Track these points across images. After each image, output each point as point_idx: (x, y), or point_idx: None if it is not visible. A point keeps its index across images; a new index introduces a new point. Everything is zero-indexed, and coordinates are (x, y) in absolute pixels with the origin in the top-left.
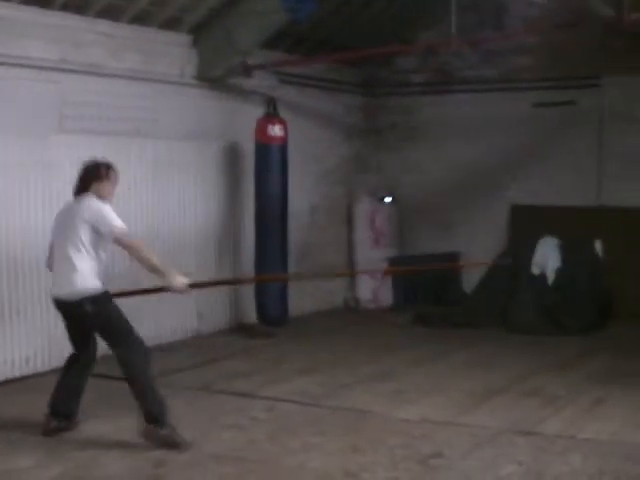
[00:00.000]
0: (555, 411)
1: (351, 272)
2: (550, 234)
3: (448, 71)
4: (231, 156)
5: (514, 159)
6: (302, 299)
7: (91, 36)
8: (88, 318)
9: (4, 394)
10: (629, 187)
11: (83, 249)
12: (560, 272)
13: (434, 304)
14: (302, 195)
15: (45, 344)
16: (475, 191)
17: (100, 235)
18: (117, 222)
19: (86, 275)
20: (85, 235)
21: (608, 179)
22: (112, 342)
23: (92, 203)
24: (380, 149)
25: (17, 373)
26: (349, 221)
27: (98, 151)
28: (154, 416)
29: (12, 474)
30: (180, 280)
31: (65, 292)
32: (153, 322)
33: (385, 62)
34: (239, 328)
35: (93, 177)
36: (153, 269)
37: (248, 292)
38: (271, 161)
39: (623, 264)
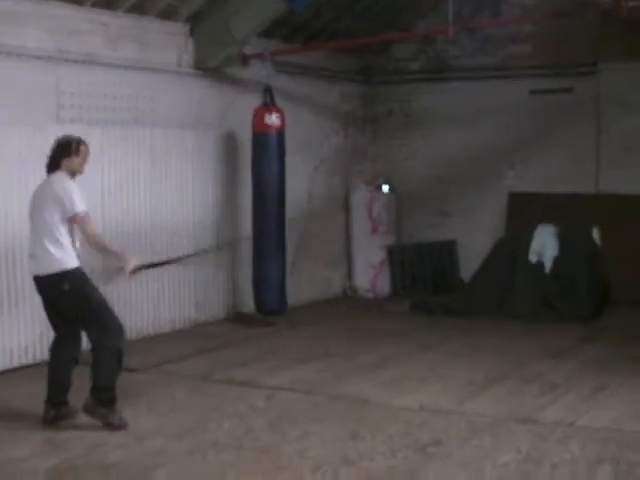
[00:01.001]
0: (554, 399)
1: None
2: (548, 222)
3: (445, 59)
4: (228, 145)
5: (511, 147)
6: (300, 288)
7: (88, 26)
8: (64, 296)
9: (3, 383)
10: (627, 174)
11: (56, 227)
12: (558, 260)
13: (432, 292)
14: (299, 184)
15: (44, 333)
16: (472, 179)
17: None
18: (80, 205)
19: (61, 253)
20: (57, 213)
21: (606, 166)
22: (86, 322)
23: (61, 182)
24: (377, 137)
25: (16, 362)
26: (346, 209)
27: (95, 140)
28: (102, 399)
29: (11, 463)
30: (133, 261)
31: (42, 269)
32: (151, 311)
33: (382, 50)
34: (237, 317)
35: (63, 153)
36: (108, 252)
37: (246, 281)
38: (268, 150)
39: (621, 251)
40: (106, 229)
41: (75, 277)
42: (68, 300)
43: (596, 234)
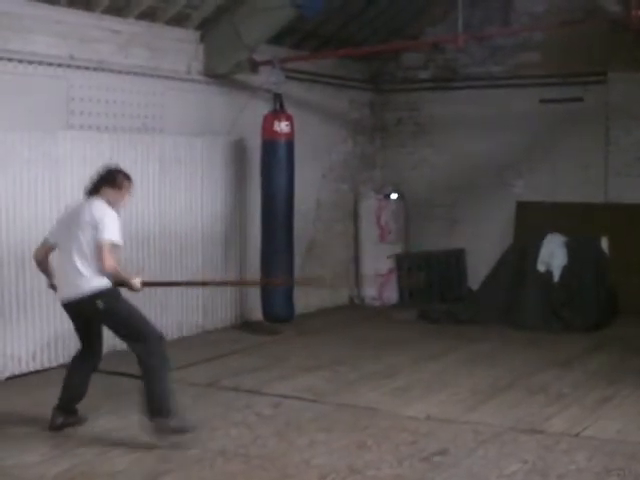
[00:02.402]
0: (560, 409)
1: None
2: (556, 231)
3: (454, 67)
4: (238, 152)
5: (520, 155)
6: (307, 296)
7: (98, 32)
8: (100, 315)
9: (11, 390)
10: (635, 184)
11: (89, 251)
12: (566, 269)
13: (439, 301)
14: (308, 191)
15: (51, 340)
16: (481, 187)
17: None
18: (112, 233)
19: (93, 276)
20: (90, 237)
21: (614, 176)
22: (126, 338)
23: (103, 208)
24: (386, 145)
25: (24, 369)
26: (355, 217)
27: (105, 147)
28: (158, 408)
29: (19, 469)
30: (137, 281)
31: (74, 293)
32: (158, 318)
33: (391, 58)
34: (244, 325)
35: (108, 182)
36: (126, 284)
37: (254, 289)
38: (277, 157)
39: (629, 261)
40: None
41: (108, 295)
42: (104, 318)
43: (605, 244)
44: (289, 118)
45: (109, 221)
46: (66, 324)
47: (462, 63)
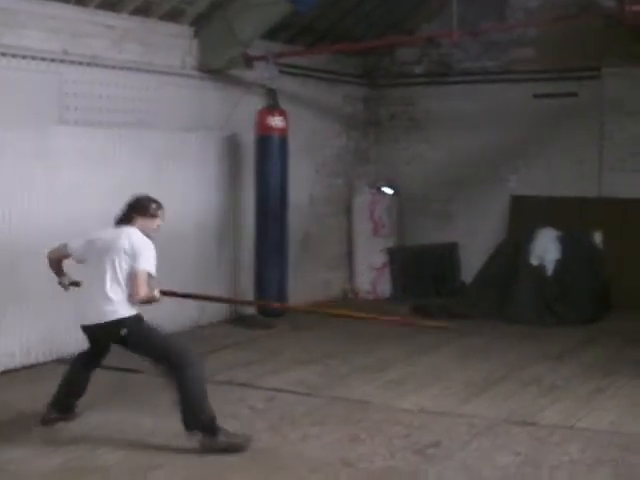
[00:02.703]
0: (553, 401)
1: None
2: (550, 225)
3: (449, 62)
4: (232, 147)
5: (514, 150)
6: (301, 290)
7: (92, 27)
8: (124, 342)
9: (5, 384)
10: (629, 178)
11: (120, 281)
12: (559, 263)
13: (433, 295)
14: (302, 186)
15: (46, 335)
16: (475, 182)
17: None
18: (150, 266)
19: (119, 304)
20: (124, 264)
21: (608, 170)
22: (155, 360)
23: (140, 237)
24: (380, 140)
25: (18, 363)
26: (349, 212)
27: (99, 142)
28: (202, 425)
29: (11, 464)
30: (156, 292)
31: (98, 319)
32: (152, 312)
33: (386, 53)
34: (238, 319)
35: (139, 211)
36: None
37: (248, 283)
38: (271, 152)
39: (623, 255)
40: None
41: (132, 323)
42: (129, 344)
43: (598, 238)
44: (283, 113)
45: (147, 252)
46: (61, 319)
47: (457, 58)
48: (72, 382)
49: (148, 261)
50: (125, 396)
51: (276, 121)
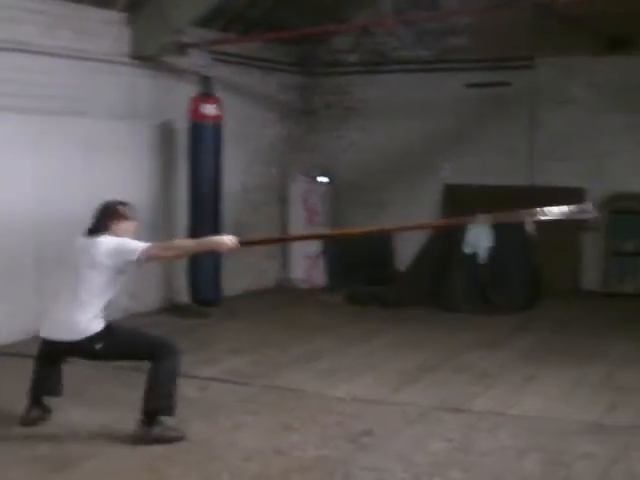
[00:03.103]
0: (485, 388)
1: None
2: (482, 213)
3: (383, 51)
4: (165, 135)
5: (448, 139)
6: (235, 279)
7: (23, 13)
8: (99, 355)
9: None
10: (560, 167)
11: (95, 293)
12: (491, 251)
13: (367, 284)
14: (236, 174)
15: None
16: (409, 170)
17: (125, 269)
18: (138, 243)
19: (92, 319)
20: (102, 277)
21: (540, 159)
22: (137, 359)
23: (109, 242)
24: (315, 128)
25: None
26: (283, 200)
27: (29, 129)
28: (152, 410)
29: None
30: (226, 239)
31: (69, 335)
32: None
33: (320, 41)
34: (171, 308)
35: (111, 217)
36: (198, 251)
37: (180, 271)
38: (205, 140)
39: (553, 243)
40: (40, 220)
41: (105, 335)
42: (106, 356)
43: (530, 226)
44: (217, 101)
45: (127, 244)
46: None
47: (391, 47)
48: (45, 375)
49: (137, 244)
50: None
51: (209, 109)
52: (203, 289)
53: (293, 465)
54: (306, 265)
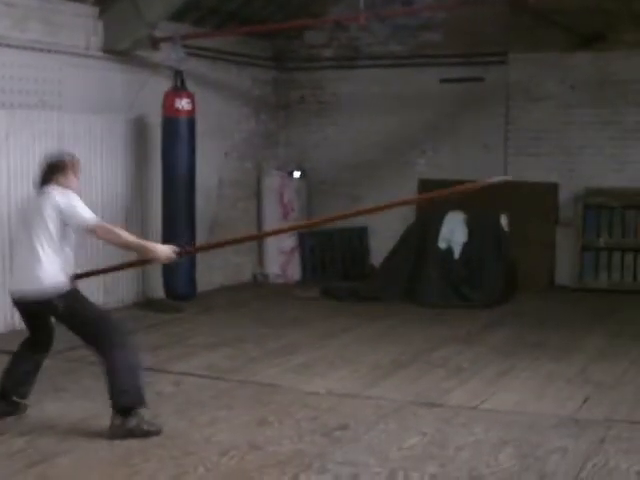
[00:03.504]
0: (459, 383)
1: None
2: (457, 208)
3: (357, 46)
4: (138, 129)
5: (422, 134)
6: (210, 274)
7: None
8: (58, 316)
9: None
10: (533, 162)
11: (50, 244)
12: (466, 246)
13: (342, 278)
14: (210, 169)
15: None
16: (384, 165)
17: (68, 228)
18: (88, 214)
19: (53, 271)
20: (53, 229)
21: (514, 154)
22: (87, 338)
23: (61, 196)
24: (289, 123)
25: None
26: (257, 195)
27: (1, 124)
28: (123, 407)
29: None
30: (164, 249)
31: (31, 289)
32: None
33: (295, 36)
34: (146, 303)
35: (57, 169)
36: (132, 248)
37: (156, 266)
38: (178, 135)
39: (527, 238)
40: (12, 216)
41: (66, 295)
42: (63, 320)
43: (504, 221)
44: (190, 96)
45: (77, 206)
46: None
47: (365, 42)
48: (18, 370)
49: (87, 212)
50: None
51: (183, 103)
52: (178, 284)
53: (269, 460)
54: (281, 260)
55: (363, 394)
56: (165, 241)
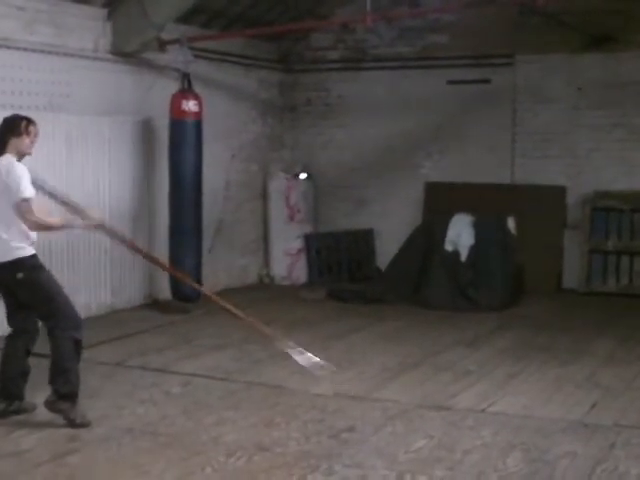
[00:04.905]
0: (467, 386)
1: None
2: (464, 211)
3: (364, 48)
4: (145, 131)
5: (429, 136)
6: (217, 275)
7: (3, 9)
8: (18, 285)
9: None
10: (540, 165)
11: (8, 215)
12: (473, 249)
13: (348, 280)
14: (217, 171)
15: None
16: (390, 168)
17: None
18: (25, 191)
19: (14, 241)
20: (8, 199)
21: (521, 157)
22: (42, 313)
23: (11, 166)
24: (295, 125)
25: None
26: (264, 197)
27: None
28: (63, 394)
29: None
30: (95, 213)
31: None
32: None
33: (301, 38)
34: (154, 304)
35: (11, 132)
36: (59, 228)
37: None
38: (185, 137)
39: (535, 241)
40: None
41: (30, 266)
42: (22, 289)
43: (511, 224)
44: (197, 98)
45: (22, 178)
46: None
47: (371, 44)
48: (7, 369)
49: (23, 187)
50: (37, 381)
51: (190, 105)
52: (184, 285)
53: (276, 461)
54: (287, 262)
55: (370, 396)
56: (172, 241)
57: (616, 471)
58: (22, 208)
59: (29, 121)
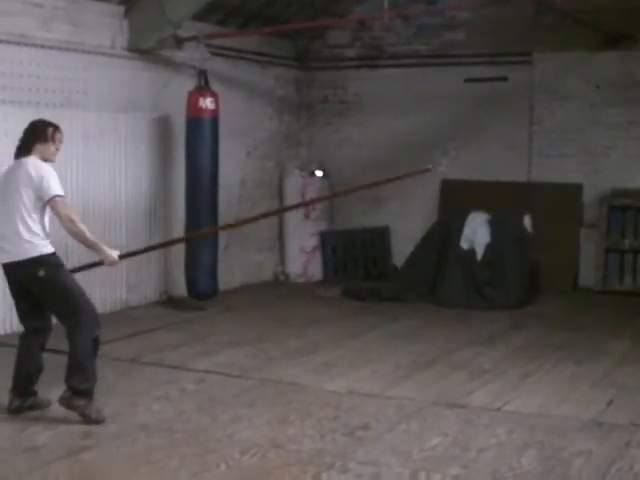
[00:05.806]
0: (482, 384)
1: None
2: (480, 209)
3: (380, 46)
4: (162, 128)
5: (445, 134)
6: (232, 272)
7: (21, 6)
8: (39, 283)
9: None
10: (557, 163)
11: (30, 212)
12: (489, 247)
13: (364, 278)
14: (233, 168)
15: None
16: (406, 165)
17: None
18: (56, 189)
19: (35, 239)
20: (29, 199)
21: (537, 155)
22: (62, 311)
23: (37, 167)
24: (311, 123)
25: None
26: (280, 195)
27: (27, 123)
28: (79, 390)
29: None
30: (110, 254)
31: (15, 255)
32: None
33: (317, 36)
34: (169, 301)
35: (38, 138)
36: (85, 243)
37: (178, 265)
38: (202, 134)
39: (551, 239)
40: None
41: (51, 264)
42: (43, 287)
43: (527, 222)
44: (214, 95)
45: (50, 176)
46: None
47: (388, 42)
48: (22, 366)
49: (58, 185)
50: (53, 378)
51: (207, 103)
52: (200, 282)
53: (290, 458)
54: (303, 259)
55: (385, 394)
56: (190, 240)
57: (631, 470)
58: (57, 205)
59: (56, 128)
